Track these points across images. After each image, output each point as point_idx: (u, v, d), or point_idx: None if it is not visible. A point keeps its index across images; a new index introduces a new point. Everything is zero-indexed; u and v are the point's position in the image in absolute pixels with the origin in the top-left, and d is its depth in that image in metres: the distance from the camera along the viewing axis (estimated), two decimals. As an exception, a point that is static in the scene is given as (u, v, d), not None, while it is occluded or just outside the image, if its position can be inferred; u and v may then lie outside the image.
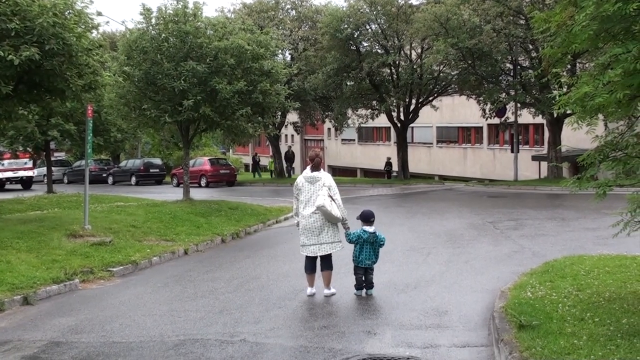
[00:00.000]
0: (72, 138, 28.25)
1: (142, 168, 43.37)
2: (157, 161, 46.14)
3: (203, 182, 39.16)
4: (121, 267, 12.32)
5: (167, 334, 7.95)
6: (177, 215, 17.89)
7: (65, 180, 45.49)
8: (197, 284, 11.01)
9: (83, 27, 15.26)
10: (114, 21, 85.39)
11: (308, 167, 9.80)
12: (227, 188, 37.78)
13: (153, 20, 20.33)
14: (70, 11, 15.03)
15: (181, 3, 20.19)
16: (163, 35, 19.95)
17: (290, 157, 45.53)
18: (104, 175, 45.01)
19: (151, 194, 28.57)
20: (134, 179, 43.10)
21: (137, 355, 7.18)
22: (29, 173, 39.72)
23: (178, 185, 37.58)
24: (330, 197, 9.52)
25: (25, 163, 39.71)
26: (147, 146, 53.63)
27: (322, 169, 9.89)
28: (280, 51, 33.10)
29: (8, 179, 39.21)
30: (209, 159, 41.59)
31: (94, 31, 16.34)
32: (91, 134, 15.55)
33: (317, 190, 9.55)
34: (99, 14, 16.30)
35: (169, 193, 30.40)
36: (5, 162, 39.28)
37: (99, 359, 7.16)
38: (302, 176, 9.80)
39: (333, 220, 9.57)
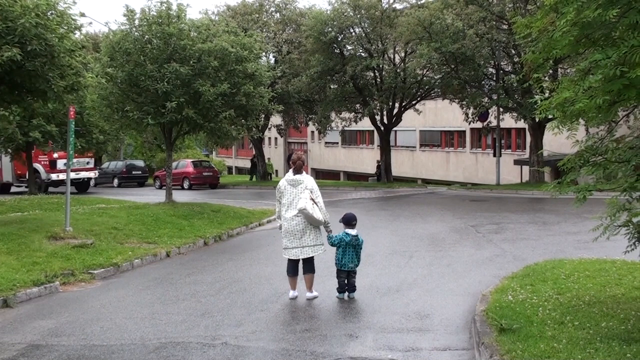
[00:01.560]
0: (54, 139, 28.04)
1: (124, 170, 43.18)
2: (140, 163, 45.92)
3: (186, 184, 39.07)
4: (102, 270, 12.24)
5: (148, 337, 7.91)
6: (160, 218, 17.81)
7: None
8: (179, 287, 10.97)
9: (66, 28, 15.17)
10: (97, 22, 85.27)
11: (290, 170, 9.84)
12: (210, 190, 37.69)
13: (136, 22, 20.22)
14: (53, 12, 14.93)
15: (165, 5, 20.10)
16: (146, 36, 19.86)
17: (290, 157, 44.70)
18: (86, 177, 44.65)
19: (133, 196, 28.43)
20: (116, 181, 42.92)
21: (118, 359, 7.14)
22: (91, 174, 36.48)
23: (161, 187, 37.45)
24: (313, 200, 9.53)
25: (87, 163, 35.82)
26: (130, 148, 53.35)
27: (304, 172, 9.91)
28: (264, 54, 33.10)
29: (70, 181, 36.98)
30: (192, 162, 41.51)
31: (77, 32, 16.24)
32: (73, 136, 15.46)
33: (299, 193, 9.57)
34: (82, 14, 16.25)
35: (152, 195, 30.28)
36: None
37: (79, 362, 7.12)
38: (285, 179, 9.82)
39: (315, 223, 9.58)
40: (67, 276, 11.54)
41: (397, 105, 37.05)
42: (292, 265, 9.77)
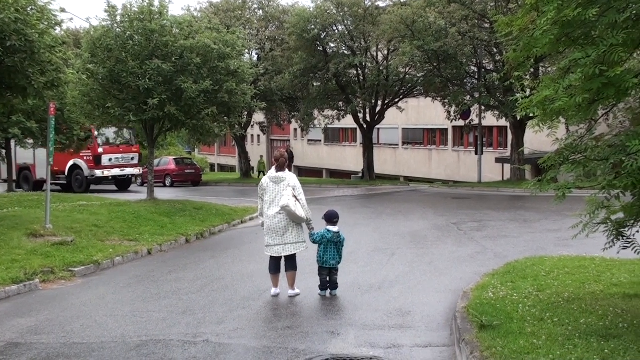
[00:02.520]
0: (34, 136, 27.75)
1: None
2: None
3: (168, 181, 38.91)
4: (83, 267, 12.16)
5: (129, 335, 7.88)
6: (141, 215, 17.73)
7: None
8: (160, 285, 10.93)
9: (46, 23, 15.04)
10: (78, 18, 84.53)
11: (273, 168, 9.83)
12: (192, 188, 37.57)
13: (118, 18, 20.10)
14: (33, 7, 14.80)
15: (147, 1, 20.00)
16: (128, 33, 19.73)
17: (290, 157, 42.12)
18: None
19: (115, 194, 28.28)
20: (97, 178, 42.58)
21: (98, 357, 7.11)
22: (135, 171, 34.28)
23: (142, 184, 37.21)
24: (295, 197, 9.53)
25: (132, 158, 33.88)
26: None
27: (287, 169, 9.90)
28: (246, 51, 33.05)
29: (114, 178, 33.54)
30: (174, 159, 41.34)
31: (57, 28, 16.11)
32: (53, 132, 15.35)
33: (281, 191, 9.58)
34: (63, 10, 16.08)
35: (133, 192, 30.13)
36: (113, 156, 32.69)
37: (59, 360, 7.09)
38: (267, 176, 9.83)
39: (297, 220, 9.58)
40: (47, 274, 11.46)
41: (379, 103, 37.11)
42: (274, 263, 9.77)
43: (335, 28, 35.32)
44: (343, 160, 55.39)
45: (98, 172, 32.00)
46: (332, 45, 35.99)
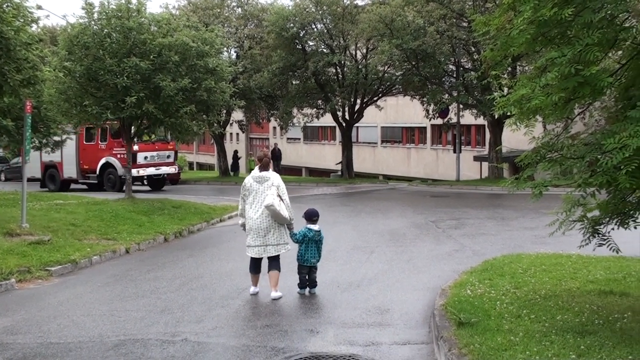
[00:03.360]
0: (10, 134, 27.44)
1: (84, 165, 42.49)
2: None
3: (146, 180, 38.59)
4: (60, 267, 12.06)
5: (106, 334, 7.84)
6: (119, 214, 17.61)
7: (2, 178, 44.23)
8: (138, 284, 10.87)
9: (22, 20, 14.88)
10: (54, 15, 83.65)
11: (256, 167, 9.73)
12: (171, 186, 37.33)
13: (95, 15, 19.93)
14: (8, 4, 14.62)
15: (124, -2, 19.88)
16: (105, 30, 19.59)
17: (277, 155, 40.82)
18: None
19: (92, 192, 28.06)
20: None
21: (76, 356, 7.06)
22: (172, 170, 32.15)
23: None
24: (279, 196, 9.48)
25: (168, 156, 31.71)
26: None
27: (270, 169, 9.82)
28: (225, 49, 32.90)
29: (149, 177, 31.41)
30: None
31: (34, 25, 15.96)
32: (30, 130, 15.20)
33: (265, 190, 9.48)
34: (39, 7, 15.96)
35: (111, 191, 29.89)
36: (148, 154, 30.45)
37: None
38: (251, 176, 9.72)
39: (281, 220, 9.49)
40: (23, 273, 11.35)
41: (358, 101, 37.14)
42: (255, 263, 9.69)
43: (314, 26, 35.31)
44: (322, 159, 55.40)
45: (134, 172, 28.99)
46: (311, 43, 35.98)
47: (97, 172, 30.23)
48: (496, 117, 28.60)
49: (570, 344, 6.15)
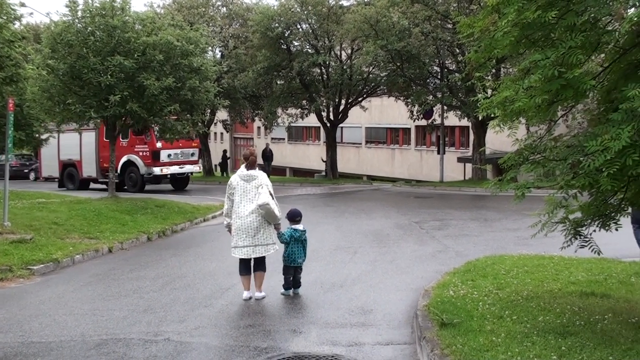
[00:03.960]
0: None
1: (66, 164, 42.22)
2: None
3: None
4: (42, 266, 11.99)
5: (88, 334, 7.80)
6: (102, 213, 17.52)
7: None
8: (121, 283, 10.82)
9: (5, 17, 14.80)
10: (38, 13, 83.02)
11: (243, 166, 9.57)
12: (154, 185, 37.18)
13: (79, 13, 19.81)
14: (-9, 2, 14.56)
15: (109, -4, 19.78)
16: (89, 28, 19.49)
17: (268, 155, 40.19)
18: (26, 170, 43.63)
19: (75, 191, 27.89)
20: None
21: (57, 355, 7.02)
22: (195, 168, 31.06)
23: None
24: (271, 194, 9.44)
25: (192, 154, 30.67)
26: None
27: (257, 168, 9.70)
28: (210, 48, 32.83)
29: (172, 176, 30.00)
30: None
31: (17, 22, 15.87)
32: (12, 128, 15.09)
33: (252, 189, 9.35)
34: (22, 4, 15.88)
35: (94, 190, 29.74)
36: (172, 152, 29.09)
37: (16, 359, 6.97)
38: (237, 175, 9.54)
39: (273, 219, 9.38)
40: (4, 272, 11.28)
41: (343, 102, 37.19)
42: (245, 265, 9.48)
43: (299, 26, 35.32)
44: (306, 159, 55.38)
45: (156, 170, 28.56)
46: (296, 43, 35.99)
47: (118, 171, 28.41)
48: (480, 118, 28.71)
49: (552, 344, 6.19)
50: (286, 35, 34.88)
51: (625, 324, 6.85)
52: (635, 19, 5.73)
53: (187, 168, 30.09)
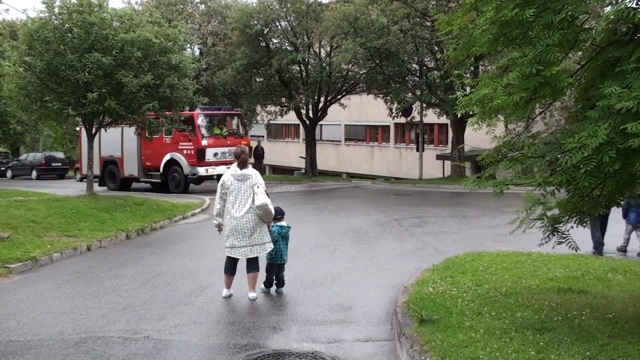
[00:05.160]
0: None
1: (43, 162, 41.98)
2: (60, 155, 44.78)
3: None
4: (19, 264, 11.87)
5: (67, 332, 7.75)
6: (80, 211, 17.39)
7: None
8: (100, 281, 10.75)
9: (-20, 14, 14.63)
10: (14, 9, 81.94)
11: (234, 165, 9.39)
12: (134, 183, 36.98)
13: (56, 10, 19.66)
14: (-33, -3, 14.38)
15: (86, -7, 19.62)
16: (67, 25, 19.34)
17: (260, 153, 38.26)
18: (3, 168, 43.29)
19: (53, 189, 27.64)
20: (34, 173, 41.69)
21: (36, 354, 6.97)
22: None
23: (82, 180, 36.44)
24: (266, 193, 9.40)
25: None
26: (49, 139, 51.89)
27: (249, 166, 9.52)
28: (188, 45, 32.66)
29: (218, 177, 27.55)
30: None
31: (-7, 19, 15.68)
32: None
33: (247, 189, 9.21)
34: (-2, 1, 15.67)
35: (72, 188, 29.53)
36: (219, 150, 27.12)
37: (-6, 358, 6.92)
38: (230, 174, 9.31)
39: (268, 218, 9.32)
40: (-19, 271, 11.16)
41: (322, 99, 37.18)
42: (231, 264, 9.35)
43: (278, 24, 35.24)
44: (285, 156, 55.30)
45: (201, 170, 26.54)
46: (275, 41, 35.90)
47: (161, 170, 27.45)
48: (459, 116, 28.84)
49: (530, 340, 6.25)
50: (265, 32, 34.80)
51: (602, 319, 6.94)
52: (612, 16, 5.79)
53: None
